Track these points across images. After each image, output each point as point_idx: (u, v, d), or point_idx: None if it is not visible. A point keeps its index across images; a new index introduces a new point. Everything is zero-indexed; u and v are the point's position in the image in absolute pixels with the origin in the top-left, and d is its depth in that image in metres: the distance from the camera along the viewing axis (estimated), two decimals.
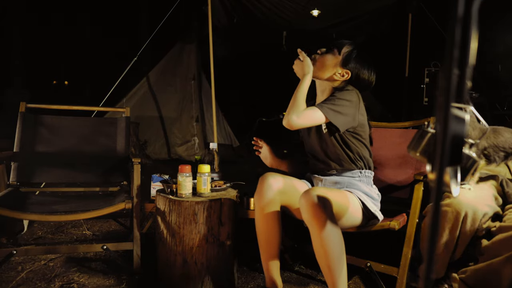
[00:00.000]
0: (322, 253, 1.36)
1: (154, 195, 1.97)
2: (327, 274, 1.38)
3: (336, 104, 1.49)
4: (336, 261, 1.35)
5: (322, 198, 1.34)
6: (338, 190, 1.51)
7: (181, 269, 1.64)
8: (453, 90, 0.48)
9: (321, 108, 1.48)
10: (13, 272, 1.84)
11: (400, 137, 2.04)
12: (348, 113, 1.51)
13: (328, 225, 1.33)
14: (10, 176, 2.12)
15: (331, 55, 1.62)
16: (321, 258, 1.38)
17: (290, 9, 4.81)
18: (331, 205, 1.35)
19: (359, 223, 1.54)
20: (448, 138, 0.49)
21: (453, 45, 0.47)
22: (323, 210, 1.33)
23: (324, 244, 1.34)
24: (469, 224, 1.39)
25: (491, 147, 1.45)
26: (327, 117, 1.48)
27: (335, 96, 1.53)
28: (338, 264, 1.36)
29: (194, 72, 5.30)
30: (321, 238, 1.34)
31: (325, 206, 1.34)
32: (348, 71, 1.60)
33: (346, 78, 1.61)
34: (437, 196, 0.49)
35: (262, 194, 1.54)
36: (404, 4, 4.98)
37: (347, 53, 1.61)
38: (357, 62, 1.60)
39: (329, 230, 1.33)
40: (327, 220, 1.33)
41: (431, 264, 0.51)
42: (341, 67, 1.60)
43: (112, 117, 2.85)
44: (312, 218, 1.34)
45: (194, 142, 5.23)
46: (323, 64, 1.62)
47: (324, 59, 1.62)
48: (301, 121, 1.48)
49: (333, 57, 1.61)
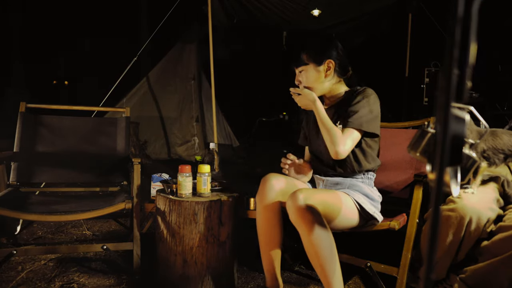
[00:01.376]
0: (313, 253, 1.37)
1: (154, 195, 1.98)
2: (320, 274, 1.39)
3: (358, 112, 1.50)
4: (328, 260, 1.36)
5: (308, 199, 1.35)
6: (330, 191, 1.51)
7: (181, 269, 1.64)
8: (453, 90, 0.48)
9: (354, 125, 1.49)
10: (13, 272, 1.84)
11: (400, 137, 2.04)
12: (373, 110, 1.53)
13: (316, 227, 1.33)
14: (10, 176, 2.12)
15: (309, 71, 1.61)
16: (313, 259, 1.39)
17: (291, 9, 4.81)
18: (318, 207, 1.35)
19: (355, 224, 1.53)
20: (448, 138, 0.49)
21: (453, 45, 0.47)
22: (310, 212, 1.33)
23: (314, 244, 1.35)
24: (473, 229, 1.38)
25: (490, 149, 1.44)
26: (363, 130, 1.50)
27: (357, 102, 1.53)
28: (330, 264, 1.36)
29: (194, 72, 5.29)
30: (310, 239, 1.35)
31: (312, 207, 1.34)
32: (330, 61, 1.59)
33: (333, 67, 1.60)
34: (437, 196, 0.49)
35: (264, 195, 1.54)
36: (404, 4, 4.98)
37: (314, 52, 1.60)
38: (326, 50, 1.60)
39: (318, 231, 1.34)
40: (315, 221, 1.33)
41: (431, 265, 0.51)
42: (320, 65, 1.59)
43: (112, 117, 2.85)
44: (299, 219, 1.34)
45: (194, 142, 5.23)
46: (312, 83, 1.61)
47: (308, 79, 1.61)
48: (348, 148, 1.49)
49: (311, 70, 1.60)
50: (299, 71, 1.64)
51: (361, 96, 1.54)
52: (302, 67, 1.62)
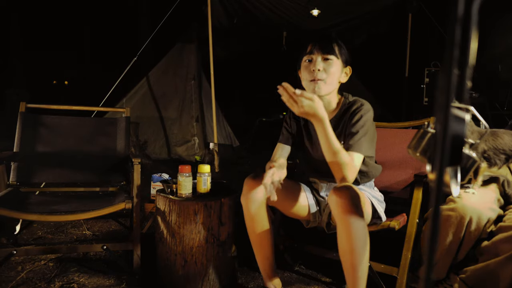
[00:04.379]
0: (348, 250, 1.31)
1: (154, 195, 1.98)
2: (348, 272, 1.34)
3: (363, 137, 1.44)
4: (360, 259, 1.31)
5: (354, 194, 1.30)
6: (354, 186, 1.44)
7: (181, 269, 1.64)
8: (453, 90, 0.48)
9: (361, 151, 1.42)
10: (13, 272, 1.84)
11: (400, 137, 2.04)
12: (373, 135, 1.49)
13: (359, 224, 1.28)
14: (10, 176, 2.12)
15: (336, 66, 1.49)
16: (345, 255, 1.33)
17: (290, 9, 4.82)
18: (361, 203, 1.31)
19: (368, 223, 1.53)
20: (448, 138, 0.49)
21: (453, 45, 0.47)
22: (355, 207, 1.28)
23: (351, 239, 1.29)
24: (474, 229, 1.38)
25: (491, 150, 1.44)
26: (364, 154, 1.44)
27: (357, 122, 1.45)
28: (361, 263, 1.31)
29: (194, 72, 5.29)
30: (349, 235, 1.29)
31: (357, 203, 1.29)
32: (349, 68, 1.54)
33: (349, 75, 1.55)
34: (437, 196, 0.49)
35: (248, 197, 1.50)
36: (404, 4, 4.98)
37: (344, 50, 1.51)
38: (348, 54, 1.53)
39: (359, 229, 1.29)
40: (358, 217, 1.28)
41: (431, 265, 0.51)
42: (344, 67, 1.53)
43: (112, 117, 2.85)
44: (344, 214, 1.28)
45: (194, 142, 5.22)
46: (334, 80, 1.50)
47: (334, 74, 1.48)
48: (355, 174, 1.42)
49: (338, 65, 1.50)
50: (325, 58, 1.48)
51: (360, 114, 1.46)
52: (332, 56, 1.48)
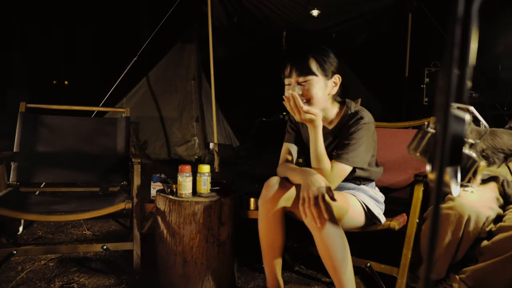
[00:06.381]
0: (326, 254, 1.35)
1: (154, 195, 1.97)
2: (333, 275, 1.38)
3: (355, 150, 1.42)
4: (341, 261, 1.34)
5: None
6: (338, 192, 1.49)
7: (181, 269, 1.64)
8: (453, 90, 0.48)
9: (349, 163, 1.42)
10: (13, 272, 1.84)
11: (400, 137, 2.04)
12: (369, 147, 1.47)
13: (329, 227, 1.32)
14: (10, 176, 2.12)
15: (317, 84, 1.42)
16: (325, 259, 1.37)
17: (290, 9, 4.82)
18: (331, 207, 1.34)
19: (361, 225, 1.53)
20: (448, 138, 0.49)
21: (453, 45, 0.47)
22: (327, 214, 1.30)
23: (327, 245, 1.33)
24: (472, 227, 1.39)
25: (489, 149, 1.44)
26: (352, 166, 1.43)
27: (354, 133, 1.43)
28: (342, 264, 1.34)
29: (194, 72, 5.30)
30: (323, 240, 1.33)
31: (329, 210, 1.31)
32: (338, 76, 1.47)
33: (339, 84, 1.49)
34: (437, 196, 0.49)
35: (267, 200, 1.48)
36: (404, 4, 4.98)
37: (323, 61, 1.43)
38: (334, 61, 1.46)
39: (331, 232, 1.32)
40: (328, 221, 1.31)
41: (431, 264, 0.51)
42: (329, 79, 1.46)
43: (112, 117, 2.85)
44: (313, 220, 1.32)
45: (194, 142, 5.22)
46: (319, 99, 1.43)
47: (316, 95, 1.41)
48: (336, 182, 1.43)
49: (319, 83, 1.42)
50: (301, 81, 1.41)
51: (356, 127, 1.44)
52: (309, 77, 1.40)
